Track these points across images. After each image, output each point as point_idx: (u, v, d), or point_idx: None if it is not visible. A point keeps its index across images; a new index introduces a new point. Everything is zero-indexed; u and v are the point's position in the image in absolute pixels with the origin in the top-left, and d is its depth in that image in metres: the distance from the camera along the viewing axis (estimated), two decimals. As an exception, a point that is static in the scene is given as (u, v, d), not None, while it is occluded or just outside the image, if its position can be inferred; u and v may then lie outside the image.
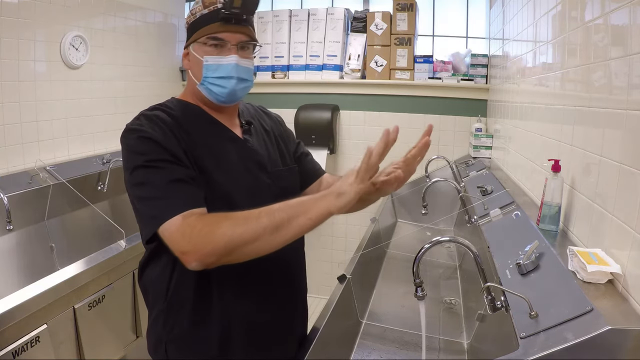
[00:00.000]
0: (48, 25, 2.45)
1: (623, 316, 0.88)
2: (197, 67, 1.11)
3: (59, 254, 2.21)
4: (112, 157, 2.76)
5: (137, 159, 1.01)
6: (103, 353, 2.04)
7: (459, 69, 3.22)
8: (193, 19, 1.11)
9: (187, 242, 0.92)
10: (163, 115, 1.08)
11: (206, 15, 1.09)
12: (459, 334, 1.62)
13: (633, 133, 0.98)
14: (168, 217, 0.95)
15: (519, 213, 1.58)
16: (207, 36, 1.09)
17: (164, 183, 0.98)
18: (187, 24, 1.13)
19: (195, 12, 1.11)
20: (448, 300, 1.86)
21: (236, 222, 0.92)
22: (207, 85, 1.12)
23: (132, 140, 1.03)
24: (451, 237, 1.28)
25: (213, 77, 1.11)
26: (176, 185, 0.98)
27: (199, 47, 1.11)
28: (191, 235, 0.92)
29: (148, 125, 1.04)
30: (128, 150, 1.04)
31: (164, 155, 1.00)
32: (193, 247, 0.92)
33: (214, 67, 1.10)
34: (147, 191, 0.99)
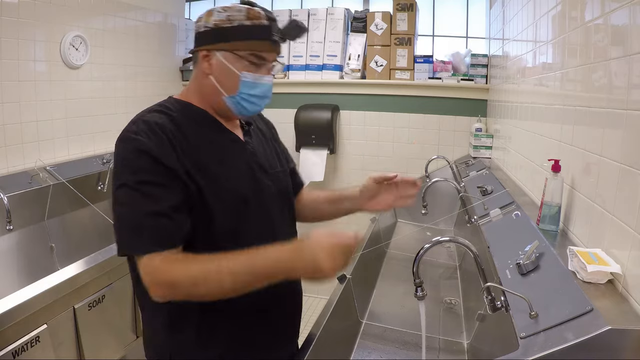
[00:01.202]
0: (48, 25, 2.45)
1: (623, 316, 0.88)
2: (229, 78, 1.07)
3: (59, 254, 2.21)
4: (112, 157, 2.75)
5: (127, 176, 0.97)
6: (103, 353, 2.04)
7: (459, 69, 3.22)
8: (229, 25, 1.05)
9: (152, 281, 0.94)
10: (163, 121, 1.03)
11: (249, 28, 1.05)
12: (459, 334, 1.62)
13: (633, 133, 0.98)
14: (135, 251, 0.96)
15: (519, 213, 1.58)
16: (250, 52, 1.06)
17: (143, 214, 0.95)
18: (215, 27, 1.06)
19: (232, 19, 1.05)
20: (448, 300, 1.86)
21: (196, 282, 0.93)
22: (239, 100, 1.08)
23: (127, 151, 0.99)
24: (451, 237, 1.28)
25: (249, 94, 1.08)
26: (155, 219, 0.95)
27: (235, 59, 1.06)
28: (157, 278, 0.94)
29: (146, 134, 0.99)
30: (121, 161, 1.00)
31: (156, 177, 0.97)
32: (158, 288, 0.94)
33: (251, 85, 1.08)
34: (126, 215, 0.97)
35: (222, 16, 1.06)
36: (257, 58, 1.07)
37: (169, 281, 0.93)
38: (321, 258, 0.92)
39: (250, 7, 1.07)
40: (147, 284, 0.94)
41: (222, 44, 1.06)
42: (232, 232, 1.06)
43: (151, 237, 0.95)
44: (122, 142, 1.01)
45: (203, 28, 1.09)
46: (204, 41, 1.08)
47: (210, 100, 1.11)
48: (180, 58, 3.68)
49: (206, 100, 1.12)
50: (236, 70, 1.06)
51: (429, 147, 3.25)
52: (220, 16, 1.06)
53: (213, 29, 1.07)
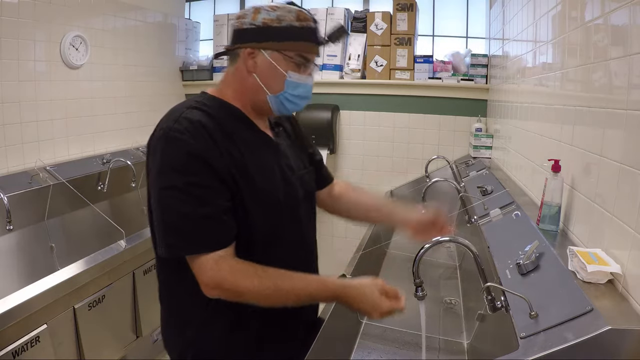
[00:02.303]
0: (48, 25, 2.45)
1: (623, 316, 0.88)
2: (275, 78, 1.08)
3: (59, 254, 2.21)
4: (112, 157, 2.76)
5: (174, 177, 0.97)
6: (103, 353, 2.04)
7: (459, 69, 3.22)
8: (278, 25, 1.05)
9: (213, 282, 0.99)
10: (206, 120, 1.02)
11: (299, 30, 1.06)
12: (459, 334, 1.62)
13: (633, 133, 0.98)
14: (195, 252, 0.99)
15: (519, 213, 1.58)
16: (297, 53, 1.07)
17: (196, 217, 0.97)
18: (264, 25, 1.05)
19: (282, 19, 1.05)
20: (448, 300, 1.86)
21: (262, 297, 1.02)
22: (281, 99, 1.10)
23: (174, 152, 0.98)
24: (451, 237, 1.28)
25: (292, 94, 1.10)
26: (208, 222, 0.98)
27: (282, 59, 1.07)
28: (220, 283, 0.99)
29: (192, 134, 0.98)
30: (167, 162, 0.98)
31: (204, 179, 0.98)
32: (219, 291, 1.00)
33: (294, 85, 1.09)
34: (178, 218, 0.97)
35: (272, 15, 1.05)
36: (303, 59, 1.08)
37: (235, 290, 1.00)
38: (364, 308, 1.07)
39: (299, 8, 1.07)
40: (206, 284, 0.99)
41: (270, 43, 1.06)
42: (267, 234, 1.08)
43: (204, 239, 0.98)
44: (168, 142, 0.99)
45: (248, 25, 1.07)
46: (249, 38, 1.07)
47: (249, 97, 1.11)
48: (180, 58, 3.68)
49: (244, 98, 1.11)
50: (283, 70, 1.07)
51: (429, 147, 3.25)
52: (269, 15, 1.05)
53: (261, 27, 1.06)
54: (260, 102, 1.11)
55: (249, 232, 1.05)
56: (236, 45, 1.09)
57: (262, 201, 1.06)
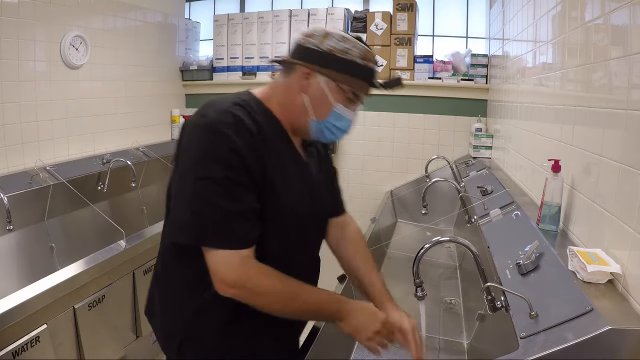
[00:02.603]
0: (48, 25, 2.45)
1: (623, 316, 0.88)
2: (323, 105, 1.09)
3: (59, 254, 2.21)
4: (112, 157, 2.76)
5: (214, 169, 0.97)
6: (103, 353, 2.04)
7: (459, 69, 3.22)
8: (342, 56, 1.05)
9: (236, 282, 1.00)
10: (249, 122, 1.02)
11: (361, 68, 1.07)
12: (459, 334, 1.62)
13: (633, 133, 0.98)
14: (223, 247, 0.99)
15: (519, 213, 1.58)
16: (351, 89, 1.08)
17: (229, 213, 0.98)
18: (329, 52, 1.05)
19: (347, 52, 1.05)
20: (448, 300, 1.86)
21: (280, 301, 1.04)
22: (322, 127, 1.11)
23: (215, 144, 0.98)
24: (451, 237, 1.28)
25: (333, 124, 1.11)
26: (240, 219, 0.99)
27: (335, 90, 1.08)
28: (244, 283, 1.00)
29: (234, 130, 0.99)
30: (208, 153, 0.98)
31: (241, 176, 0.99)
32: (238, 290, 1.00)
33: (339, 117, 1.11)
34: (210, 211, 0.98)
35: (340, 46, 1.06)
36: (355, 96, 1.10)
37: (256, 291, 1.01)
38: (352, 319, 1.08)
39: (366, 48, 1.08)
40: (226, 281, 0.99)
41: (329, 71, 1.06)
42: (277, 247, 1.09)
43: (234, 235, 0.99)
44: (210, 133, 0.99)
45: (314, 46, 1.07)
46: (311, 59, 1.07)
47: (292, 115, 1.12)
48: (180, 58, 3.68)
49: (287, 113, 1.12)
50: (332, 100, 1.08)
51: (429, 147, 3.25)
52: (337, 45, 1.06)
53: (325, 53, 1.06)
54: (301, 123, 1.12)
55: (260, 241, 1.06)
56: (297, 61, 1.09)
57: (280, 215, 1.07)
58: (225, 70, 3.61)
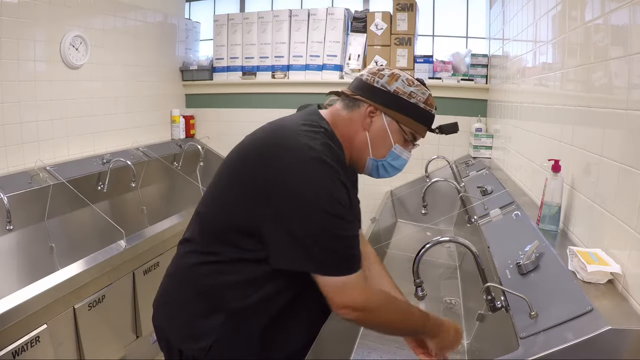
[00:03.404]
0: (48, 25, 2.45)
1: (623, 316, 0.88)
2: (383, 144, 1.14)
3: (59, 254, 2.21)
4: (112, 157, 2.76)
5: (333, 205, 1.00)
6: (103, 353, 2.04)
7: (459, 69, 3.21)
8: (407, 99, 1.11)
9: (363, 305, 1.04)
10: (339, 154, 1.08)
11: (423, 112, 1.13)
12: (459, 334, 1.62)
13: (633, 133, 0.98)
14: (353, 272, 1.03)
15: (519, 213, 1.58)
16: (412, 132, 1.14)
17: (351, 241, 1.03)
18: (395, 93, 1.11)
19: (413, 96, 1.11)
20: (448, 300, 1.86)
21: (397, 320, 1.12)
22: (379, 165, 1.16)
23: (328, 177, 1.00)
24: (451, 237, 1.28)
25: (390, 163, 1.16)
26: (354, 243, 1.04)
27: (397, 131, 1.13)
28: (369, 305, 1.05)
29: (337, 163, 1.03)
30: (321, 186, 1.00)
31: (348, 204, 1.04)
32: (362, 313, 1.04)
33: (396, 157, 1.16)
34: (337, 244, 1.01)
35: (407, 89, 1.12)
36: (413, 138, 1.15)
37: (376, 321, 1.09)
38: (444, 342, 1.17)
39: (430, 93, 1.14)
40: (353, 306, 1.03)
41: (393, 112, 1.11)
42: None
43: (353, 261, 1.04)
44: (321, 167, 1.00)
45: (381, 86, 1.12)
46: (376, 98, 1.11)
47: (352, 149, 1.15)
48: (180, 58, 3.68)
49: (348, 146, 1.14)
50: (393, 140, 1.13)
51: (429, 147, 3.24)
52: (404, 88, 1.12)
53: (392, 94, 1.11)
54: (359, 158, 1.16)
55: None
56: (364, 99, 1.12)
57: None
58: (225, 70, 3.61)
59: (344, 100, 1.15)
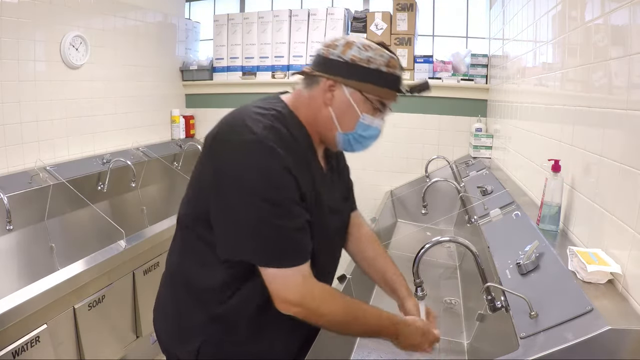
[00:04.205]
0: (48, 25, 2.45)
1: (623, 316, 0.88)
2: (349, 116, 1.07)
3: (59, 254, 2.21)
4: (112, 157, 2.76)
5: (269, 190, 0.95)
6: (103, 353, 2.04)
7: (459, 69, 3.21)
8: (366, 65, 1.03)
9: (299, 301, 1.00)
10: (290, 137, 1.02)
11: (386, 76, 1.05)
12: (459, 334, 1.62)
13: (633, 133, 0.98)
14: (287, 266, 0.99)
15: (519, 213, 1.58)
16: (378, 98, 1.06)
17: (289, 231, 0.98)
18: (352, 62, 1.03)
19: (371, 61, 1.03)
20: (448, 300, 1.86)
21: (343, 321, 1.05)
22: (350, 138, 1.09)
23: (269, 163, 0.96)
24: (451, 237, 1.28)
25: (361, 135, 1.09)
26: (298, 236, 0.99)
27: (361, 100, 1.06)
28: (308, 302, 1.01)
29: (285, 148, 0.97)
30: (259, 171, 0.95)
31: (294, 194, 0.99)
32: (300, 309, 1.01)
33: (366, 127, 1.08)
34: (271, 233, 0.97)
35: (363, 55, 1.03)
36: (381, 105, 1.08)
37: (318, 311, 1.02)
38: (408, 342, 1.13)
39: (390, 54, 1.06)
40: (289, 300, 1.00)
41: (353, 82, 1.04)
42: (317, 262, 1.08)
43: (295, 252, 0.99)
44: (260, 150, 0.96)
45: (336, 57, 1.04)
46: (334, 71, 1.05)
47: (319, 128, 1.10)
48: (180, 58, 3.68)
49: (315, 125, 1.10)
50: (359, 110, 1.06)
51: (429, 147, 3.25)
52: (360, 54, 1.03)
53: (349, 64, 1.03)
54: (328, 136, 1.10)
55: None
56: (319, 73, 1.06)
57: (319, 231, 1.07)
58: (225, 70, 3.61)
59: (305, 79, 1.10)
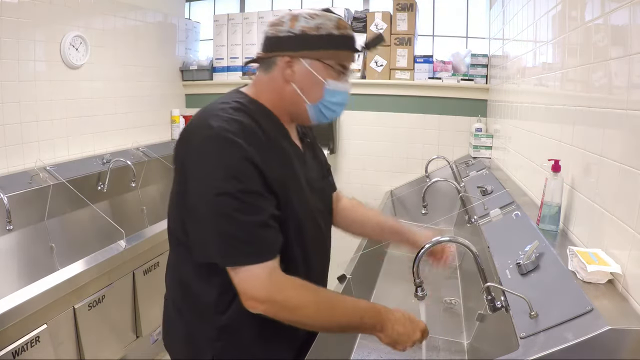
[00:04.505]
0: (48, 25, 2.45)
1: (623, 316, 0.88)
2: (314, 86, 1.06)
3: (59, 254, 2.21)
4: (112, 157, 2.76)
5: (228, 183, 0.93)
6: (103, 353, 2.04)
7: (459, 69, 3.21)
8: (316, 33, 1.02)
9: (266, 297, 0.96)
10: (254, 126, 1.00)
11: (338, 38, 1.04)
12: (459, 334, 1.62)
13: (633, 133, 0.98)
14: (250, 263, 0.95)
15: (519, 213, 1.58)
16: (337, 62, 1.06)
17: (251, 226, 0.94)
18: (302, 33, 1.02)
19: (320, 28, 1.02)
20: (448, 300, 1.86)
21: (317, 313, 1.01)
22: (320, 107, 1.08)
23: (229, 155, 0.94)
24: (451, 237, 1.28)
25: (330, 101, 1.08)
26: (262, 230, 0.96)
27: (321, 68, 1.05)
28: (275, 297, 0.97)
29: (245, 139, 0.96)
30: (222, 166, 0.94)
31: (257, 186, 0.96)
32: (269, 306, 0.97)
33: (333, 93, 1.08)
34: (232, 228, 0.94)
35: (311, 24, 1.03)
36: (342, 67, 1.07)
37: (288, 305, 0.98)
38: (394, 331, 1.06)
39: (338, 16, 1.06)
40: (255, 297, 0.96)
41: (308, 52, 1.04)
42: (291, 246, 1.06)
43: (258, 248, 0.96)
44: (222, 144, 0.95)
45: (286, 33, 1.03)
46: (287, 47, 1.04)
47: (288, 106, 1.09)
48: (180, 58, 3.68)
49: (282, 106, 1.09)
50: (322, 78, 1.05)
51: (429, 147, 3.25)
52: (308, 23, 1.03)
53: (299, 36, 1.03)
54: (299, 112, 1.09)
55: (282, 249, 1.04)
56: (273, 54, 1.06)
57: (297, 218, 1.06)
58: (226, 70, 3.61)
59: (261, 65, 1.10)
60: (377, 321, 1.05)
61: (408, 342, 1.07)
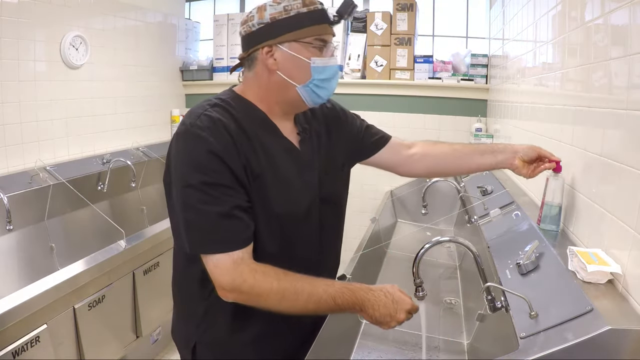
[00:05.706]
0: (48, 25, 2.45)
1: (623, 316, 0.87)
2: (300, 68, 1.06)
3: (59, 254, 2.21)
4: (112, 157, 2.76)
5: (193, 175, 0.97)
6: (103, 353, 2.04)
7: (459, 69, 3.22)
8: (286, 16, 1.03)
9: (231, 286, 0.98)
10: (227, 120, 1.02)
11: (309, 14, 1.04)
12: (459, 334, 1.62)
13: (633, 133, 0.98)
14: (214, 252, 0.99)
15: (519, 213, 1.58)
16: (314, 37, 1.05)
17: (214, 216, 0.97)
18: (273, 20, 1.03)
19: (289, 9, 1.03)
20: (448, 300, 1.86)
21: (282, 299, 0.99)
22: (312, 87, 1.07)
23: (193, 149, 0.99)
24: (451, 237, 1.28)
25: (320, 78, 1.07)
26: (226, 221, 0.98)
27: (302, 48, 1.05)
28: (240, 286, 0.98)
29: (212, 132, 0.99)
30: (187, 160, 0.99)
31: (223, 179, 0.98)
32: (237, 294, 0.99)
33: (321, 69, 1.07)
34: (196, 218, 0.98)
35: (279, 8, 1.04)
36: (321, 42, 1.06)
37: (253, 293, 0.99)
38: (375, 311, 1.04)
39: None
40: (222, 286, 0.99)
41: (284, 36, 1.04)
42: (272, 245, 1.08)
43: (223, 238, 0.98)
44: (188, 139, 1.00)
45: (257, 25, 1.05)
46: (262, 38, 1.05)
47: (277, 97, 1.09)
48: (180, 58, 3.68)
49: (271, 99, 1.10)
50: (305, 58, 1.05)
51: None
52: (276, 9, 1.04)
53: (271, 24, 1.04)
54: (292, 99, 1.09)
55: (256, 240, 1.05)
56: (251, 50, 1.07)
57: (273, 212, 1.06)
58: (226, 70, 3.61)
59: (245, 65, 1.11)
60: (353, 301, 1.04)
61: (392, 323, 1.05)
